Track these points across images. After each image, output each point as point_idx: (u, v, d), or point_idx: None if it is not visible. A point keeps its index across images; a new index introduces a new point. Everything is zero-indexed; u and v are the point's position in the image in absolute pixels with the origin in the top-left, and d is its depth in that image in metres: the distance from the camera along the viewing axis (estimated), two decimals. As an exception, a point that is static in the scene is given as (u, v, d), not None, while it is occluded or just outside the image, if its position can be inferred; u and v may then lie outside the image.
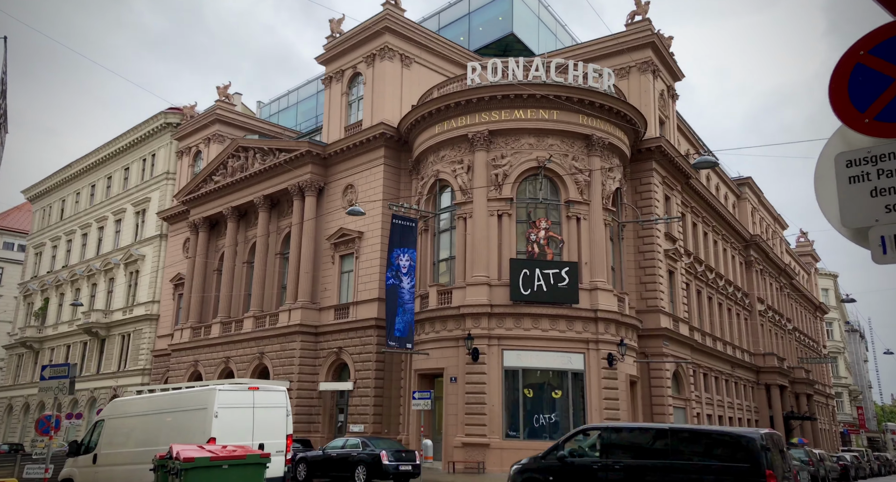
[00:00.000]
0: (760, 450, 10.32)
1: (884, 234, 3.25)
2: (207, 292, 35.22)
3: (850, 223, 3.30)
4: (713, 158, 17.25)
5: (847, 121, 3.13)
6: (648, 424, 16.62)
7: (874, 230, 3.23)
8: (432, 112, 26.86)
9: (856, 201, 3.22)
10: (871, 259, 3.30)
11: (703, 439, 11.50)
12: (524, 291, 23.83)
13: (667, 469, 10.90)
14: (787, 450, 13.64)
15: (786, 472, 10.79)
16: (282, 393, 12.07)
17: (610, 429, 12.79)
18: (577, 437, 13.01)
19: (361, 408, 26.88)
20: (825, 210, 3.40)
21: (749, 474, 10.06)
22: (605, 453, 12.08)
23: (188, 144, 40.96)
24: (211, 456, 7.79)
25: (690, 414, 30.22)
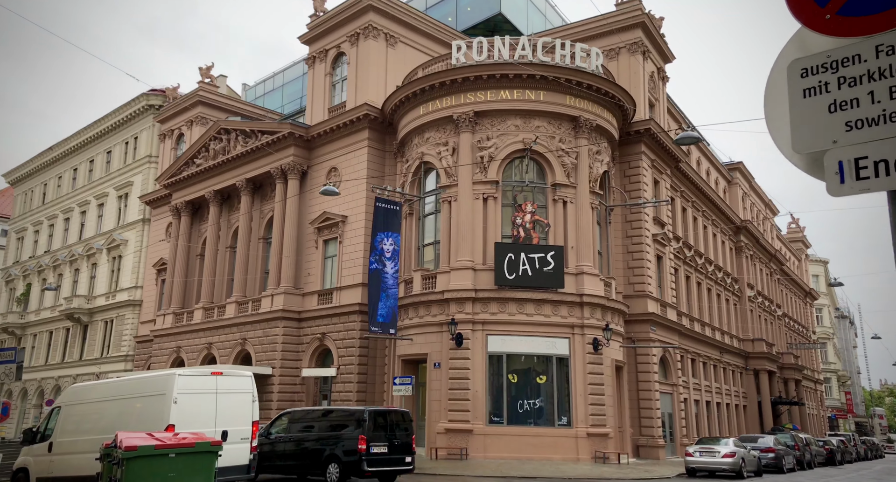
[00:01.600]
0: (362, 422, 15.28)
1: (842, 159, 2.73)
2: (190, 277, 34.64)
3: (803, 147, 2.78)
4: (696, 134, 16.77)
5: (804, 19, 2.58)
6: (313, 408, 22.56)
7: (831, 154, 2.72)
8: (416, 92, 26.22)
9: (811, 119, 2.71)
10: (826, 191, 2.81)
11: (338, 414, 16.98)
12: (509, 276, 23.42)
13: (316, 437, 16.20)
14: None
15: (385, 440, 15.61)
16: (248, 378, 11.60)
17: (294, 411, 18.42)
18: (281, 420, 17.75)
19: (345, 394, 26.50)
20: (776, 135, 2.89)
21: (355, 437, 15.31)
22: (287, 429, 17.24)
23: (170, 127, 40.13)
24: (156, 444, 7.33)
25: (677, 399, 30.05)
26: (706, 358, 35.78)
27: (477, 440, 22.12)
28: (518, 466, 19.75)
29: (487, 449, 22.02)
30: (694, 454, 20.41)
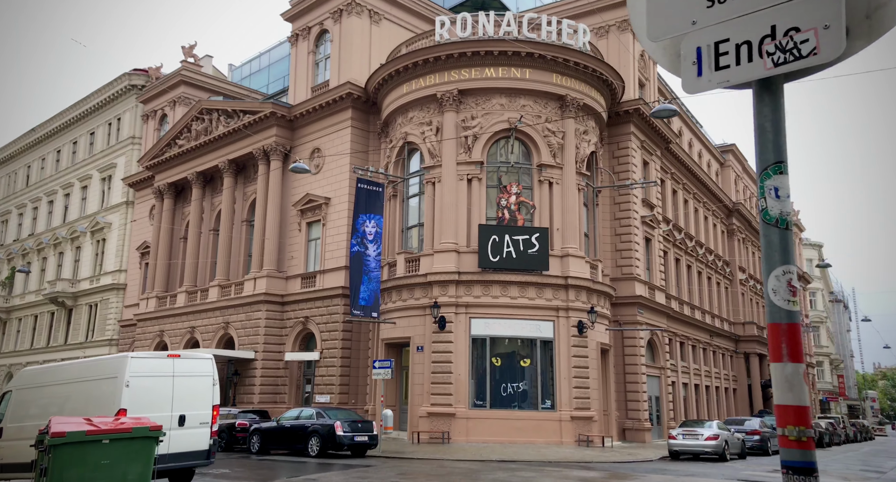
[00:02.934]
0: None
1: (700, 44, 2.34)
2: (174, 260, 34.17)
3: (659, 32, 2.41)
4: (673, 107, 16.26)
5: None
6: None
7: (689, 39, 2.35)
8: (399, 70, 25.58)
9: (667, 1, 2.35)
10: (682, 88, 2.42)
11: None
12: (493, 258, 23.01)
13: None
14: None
15: None
16: (208, 361, 11.20)
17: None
18: None
19: (328, 378, 26.21)
20: (636, 25, 2.49)
21: None
22: None
23: (153, 107, 39.36)
24: (87, 430, 6.91)
25: (665, 382, 29.86)
26: (695, 341, 35.59)
27: (459, 424, 21.86)
28: (499, 450, 19.51)
29: (470, 433, 21.78)
30: (677, 437, 20.20)
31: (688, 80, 2.38)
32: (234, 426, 19.72)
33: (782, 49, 2.26)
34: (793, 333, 2.39)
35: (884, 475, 17.23)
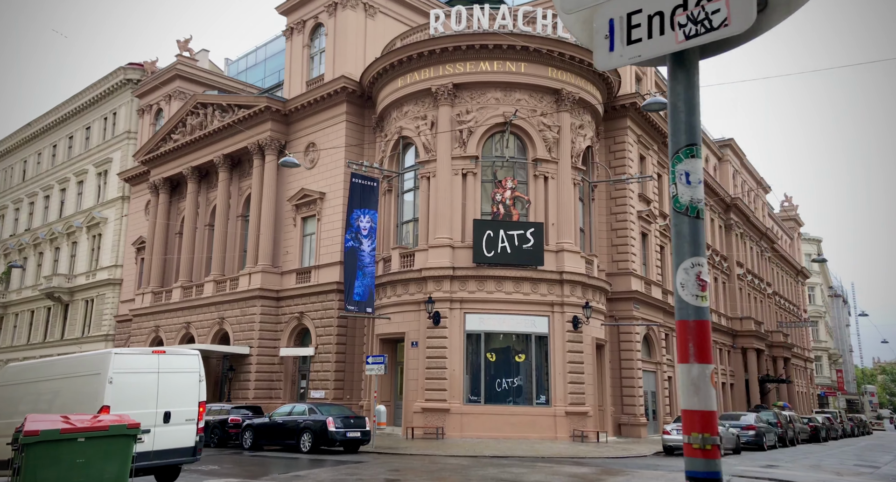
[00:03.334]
0: None
1: (613, 16, 2.23)
2: (169, 256, 34.08)
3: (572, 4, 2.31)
4: (664, 99, 16.13)
5: None
6: None
7: (602, 11, 2.25)
8: (394, 64, 25.40)
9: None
10: (595, 63, 2.30)
11: None
12: (488, 253, 22.91)
13: None
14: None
15: None
16: (194, 357, 11.11)
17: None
18: None
19: (323, 373, 26.16)
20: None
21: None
22: None
23: (149, 102, 39.18)
24: (62, 428, 6.81)
25: (661, 377, 29.80)
26: (692, 336, 35.49)
27: (453, 419, 21.81)
28: (493, 445, 19.46)
29: (464, 428, 21.73)
30: (671, 432, 20.13)
31: (600, 55, 2.26)
32: (227, 422, 19.66)
33: (694, 20, 2.13)
34: (700, 332, 2.23)
35: (878, 470, 17.17)
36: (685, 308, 2.28)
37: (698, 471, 2.17)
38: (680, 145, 2.34)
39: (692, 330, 2.24)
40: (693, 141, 2.32)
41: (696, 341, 2.22)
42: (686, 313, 2.30)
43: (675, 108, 2.30)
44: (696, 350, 2.23)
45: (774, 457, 20.70)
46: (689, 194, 2.30)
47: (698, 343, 2.22)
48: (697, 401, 2.21)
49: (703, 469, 2.18)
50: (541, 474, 13.00)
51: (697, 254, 2.27)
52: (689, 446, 2.21)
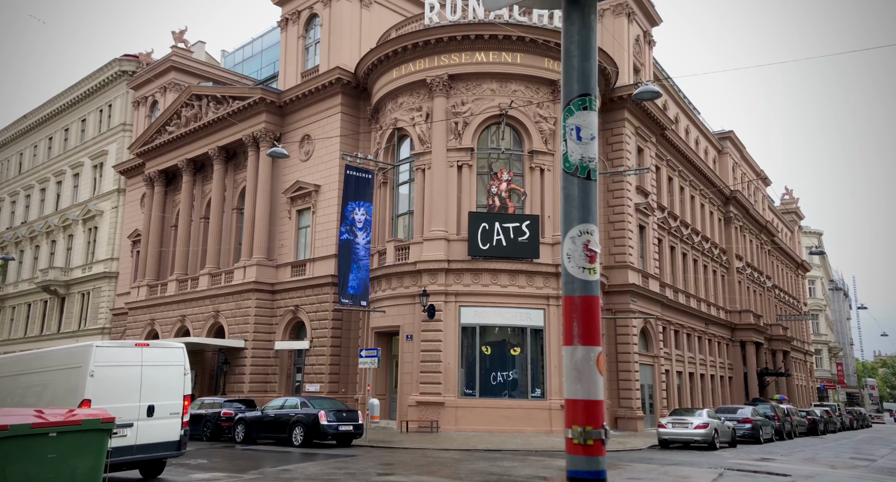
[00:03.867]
0: None
1: None
2: (165, 249, 33.93)
3: None
4: (655, 88, 15.88)
5: None
6: None
7: None
8: (389, 55, 25.15)
9: None
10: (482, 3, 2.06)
11: None
12: (483, 246, 22.73)
13: None
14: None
15: None
16: (179, 350, 10.96)
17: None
18: None
19: (318, 367, 26.05)
20: None
21: None
22: None
23: (144, 94, 38.92)
24: (32, 422, 6.66)
25: (658, 370, 29.69)
26: (690, 329, 35.37)
27: (448, 413, 21.71)
28: (487, 439, 19.36)
29: (459, 422, 21.63)
30: (667, 425, 20.04)
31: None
32: (220, 415, 19.56)
33: None
34: (587, 309, 1.96)
35: (873, 463, 17.05)
36: (571, 282, 2.05)
37: (579, 471, 1.93)
38: (572, 95, 2.07)
39: (578, 307, 1.99)
40: (586, 90, 2.05)
41: (582, 320, 1.98)
42: (572, 288, 2.05)
43: (568, 53, 2.05)
44: (582, 330, 1.97)
45: (770, 450, 20.59)
46: (579, 152, 2.05)
47: (584, 322, 1.97)
48: (580, 388, 1.96)
49: (584, 468, 1.93)
50: (531, 468, 12.88)
51: (587, 220, 2.03)
52: (569, 441, 1.97)
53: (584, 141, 1.96)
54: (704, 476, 12.44)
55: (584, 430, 1.88)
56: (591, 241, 1.96)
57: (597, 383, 1.91)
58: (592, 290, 1.98)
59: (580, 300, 1.97)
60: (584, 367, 1.92)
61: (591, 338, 1.92)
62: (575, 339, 1.96)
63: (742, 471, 13.76)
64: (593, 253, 1.96)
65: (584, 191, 2.01)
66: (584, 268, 1.96)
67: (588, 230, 1.96)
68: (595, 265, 1.99)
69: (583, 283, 1.98)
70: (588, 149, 1.97)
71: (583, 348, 1.95)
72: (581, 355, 1.95)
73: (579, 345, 1.95)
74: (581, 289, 1.99)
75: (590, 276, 1.94)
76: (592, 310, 1.94)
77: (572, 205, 2.00)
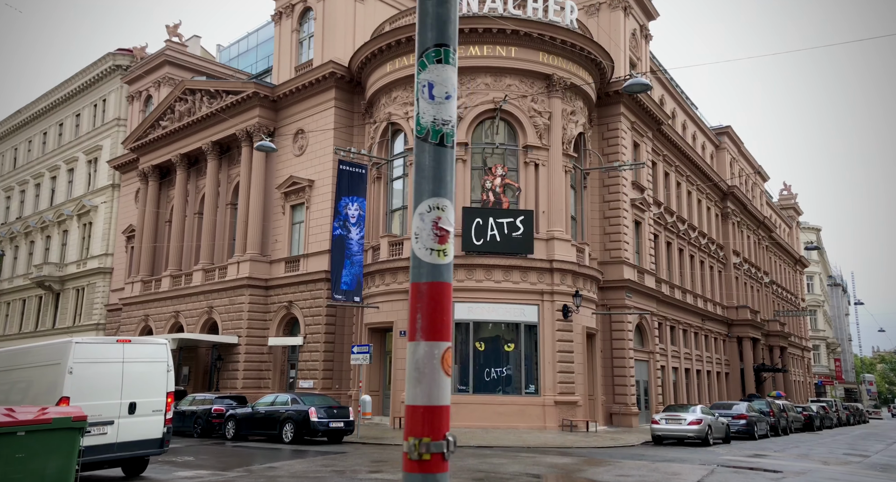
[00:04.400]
0: None
1: None
2: (159, 244, 33.77)
3: None
4: (645, 80, 15.70)
5: None
6: None
7: None
8: (382, 48, 24.94)
9: None
10: None
11: None
12: (477, 241, 22.58)
13: None
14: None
15: None
16: (161, 346, 10.82)
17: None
18: None
19: (311, 363, 25.94)
20: None
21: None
22: None
23: (138, 88, 38.68)
24: (0, 421, 6.52)
25: (654, 366, 29.58)
26: (686, 325, 35.26)
27: (441, 409, 21.58)
28: (480, 435, 19.25)
29: (452, 418, 20.55)
30: (660, 422, 19.93)
31: None
32: (211, 412, 19.44)
33: None
34: (435, 298, 1.67)
35: (867, 459, 16.95)
36: (418, 266, 1.76)
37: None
38: (426, 45, 1.83)
39: (424, 295, 1.68)
40: (443, 40, 1.80)
41: (428, 310, 1.68)
42: (418, 273, 1.76)
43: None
44: (426, 322, 1.69)
45: (764, 446, 20.50)
46: (431, 113, 1.80)
47: (430, 313, 1.67)
48: (420, 392, 1.66)
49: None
50: (520, 465, 12.77)
51: (439, 193, 1.77)
52: (405, 457, 1.68)
53: (437, 100, 1.73)
54: (694, 472, 12.33)
55: (421, 442, 1.62)
56: (443, 218, 1.73)
57: (440, 386, 1.68)
58: (442, 276, 1.72)
59: (427, 287, 1.71)
60: (426, 367, 1.65)
61: (437, 332, 1.67)
62: (417, 334, 1.71)
63: (733, 467, 13.66)
64: (444, 232, 1.72)
65: (437, 159, 1.78)
66: (433, 250, 1.71)
67: (439, 205, 1.74)
68: (446, 246, 1.74)
69: (431, 268, 1.72)
70: (442, 109, 1.74)
71: (426, 344, 1.68)
72: (423, 352, 1.69)
73: (421, 341, 1.70)
74: (428, 274, 1.73)
75: (439, 259, 1.68)
76: (441, 299, 1.68)
77: (423, 176, 1.77)
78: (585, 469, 12.64)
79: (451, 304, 1.79)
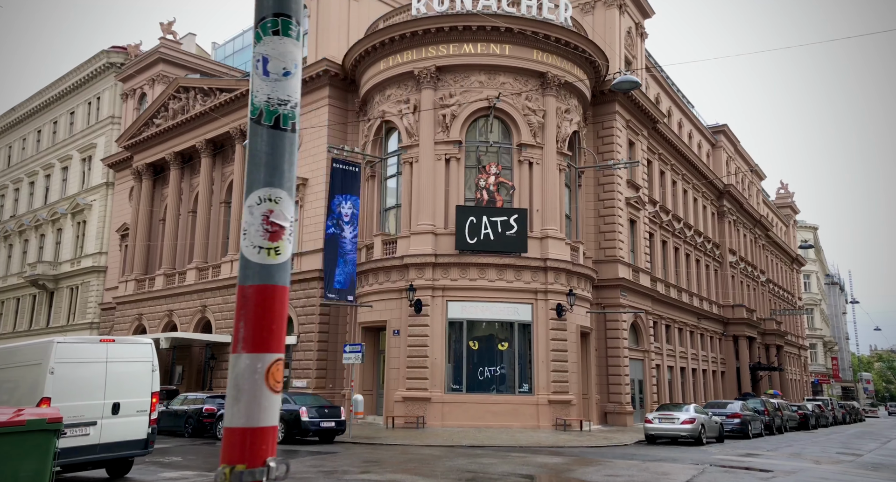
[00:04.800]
0: None
1: None
2: (153, 243, 33.64)
3: None
4: (634, 78, 15.62)
5: None
6: None
7: None
8: (376, 46, 24.82)
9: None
10: None
11: None
12: (470, 240, 22.50)
13: None
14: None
15: None
16: (146, 346, 10.72)
17: None
18: None
19: (305, 362, 25.83)
20: None
21: None
22: None
23: (132, 86, 38.52)
24: (-28, 423, 6.41)
25: (649, 365, 29.54)
26: (682, 324, 35.22)
27: (435, 408, 21.53)
28: (473, 435, 19.18)
29: (445, 417, 21.46)
30: (653, 421, 19.89)
31: None
32: (202, 411, 19.34)
33: None
34: (262, 303, 1.45)
35: (859, 458, 16.90)
36: (245, 267, 1.54)
37: None
38: (262, 14, 1.62)
39: (249, 300, 1.45)
40: (282, 10, 1.60)
41: (253, 318, 1.42)
42: (245, 274, 1.53)
43: None
44: (249, 331, 1.41)
45: (757, 445, 20.45)
46: (265, 91, 1.59)
47: (255, 320, 1.42)
48: (238, 412, 1.38)
49: None
50: (510, 465, 12.69)
51: (273, 183, 1.55)
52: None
53: (272, 77, 1.57)
54: (684, 472, 12.27)
55: (233, 471, 1.36)
56: (277, 211, 1.50)
57: (263, 405, 1.42)
58: (273, 278, 1.49)
59: (253, 291, 1.48)
60: (247, 383, 1.41)
61: (262, 342, 1.44)
62: (239, 345, 1.47)
63: (724, 466, 13.60)
64: (278, 227, 1.49)
65: (272, 144, 1.58)
66: (262, 248, 1.48)
67: (272, 196, 1.51)
68: (279, 243, 1.50)
69: (259, 268, 1.49)
70: (278, 88, 1.57)
71: (247, 357, 1.45)
72: (244, 367, 1.43)
73: (243, 354, 1.46)
74: (256, 276, 1.50)
75: (269, 259, 1.46)
76: (270, 304, 1.46)
77: (255, 163, 1.56)
78: (575, 469, 12.57)
79: (286, 310, 1.59)
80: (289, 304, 7.74)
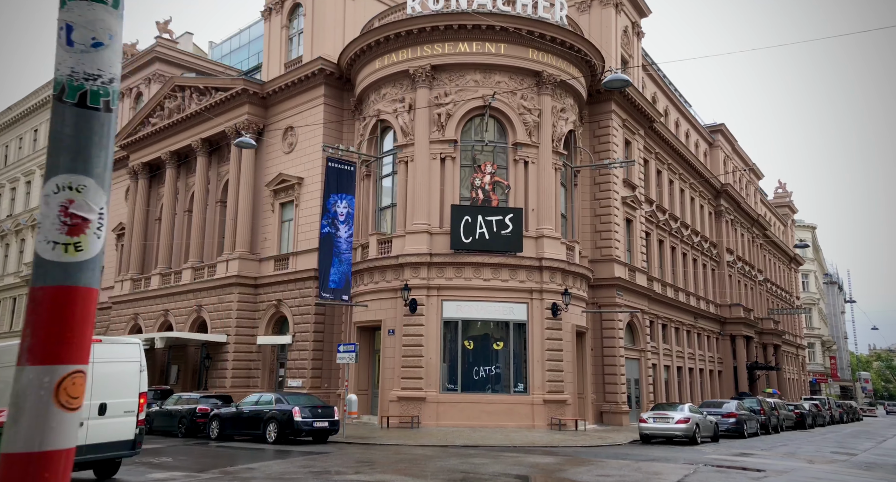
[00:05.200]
0: None
1: None
2: (149, 242, 33.57)
3: None
4: (625, 76, 15.55)
5: None
6: None
7: None
8: (371, 45, 24.76)
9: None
10: None
11: None
12: (465, 239, 22.45)
13: None
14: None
15: None
16: (134, 346, 10.66)
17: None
18: None
19: (300, 362, 25.79)
20: None
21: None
22: None
23: (128, 85, 38.43)
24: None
25: (645, 364, 29.50)
26: (679, 323, 35.18)
27: (430, 408, 21.48)
28: (467, 434, 19.13)
29: (440, 417, 21.41)
30: (648, 420, 19.83)
31: None
32: (195, 411, 19.28)
33: None
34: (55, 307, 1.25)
35: (854, 457, 16.86)
36: (39, 265, 1.35)
37: None
38: None
39: (40, 304, 1.26)
40: None
41: (43, 324, 1.21)
42: (37, 275, 1.34)
43: None
44: (37, 339, 1.21)
45: (752, 444, 20.41)
46: (69, 64, 1.42)
47: (46, 327, 1.21)
48: (16, 434, 1.18)
49: None
50: (501, 465, 12.64)
51: (76, 170, 1.34)
52: None
53: (77, 47, 1.37)
54: (676, 472, 12.22)
55: None
56: (79, 201, 1.30)
57: (51, 426, 1.20)
58: (70, 278, 1.31)
59: (44, 294, 1.29)
60: (28, 401, 1.20)
61: (52, 352, 1.23)
62: (23, 356, 1.28)
63: (717, 466, 13.55)
64: (80, 220, 1.29)
65: (77, 125, 1.40)
66: (58, 244, 1.28)
67: (74, 184, 1.30)
68: (80, 238, 1.31)
69: (53, 267, 1.30)
70: (86, 60, 1.35)
71: (32, 370, 1.25)
72: (27, 381, 1.24)
73: (27, 366, 1.27)
74: (49, 276, 1.32)
75: (67, 256, 1.27)
76: (68, 309, 1.26)
77: (57, 146, 1.34)
78: (567, 469, 12.52)
79: (92, 316, 1.37)
80: (284, 303, 7.32)
